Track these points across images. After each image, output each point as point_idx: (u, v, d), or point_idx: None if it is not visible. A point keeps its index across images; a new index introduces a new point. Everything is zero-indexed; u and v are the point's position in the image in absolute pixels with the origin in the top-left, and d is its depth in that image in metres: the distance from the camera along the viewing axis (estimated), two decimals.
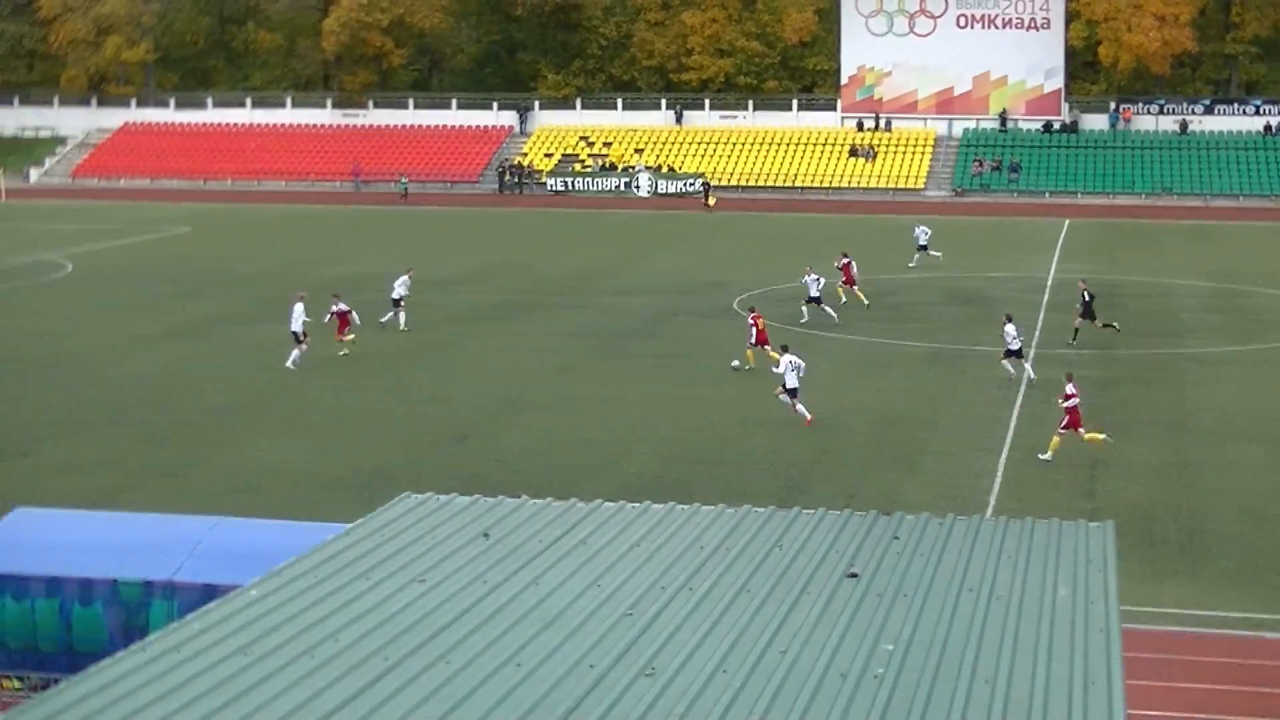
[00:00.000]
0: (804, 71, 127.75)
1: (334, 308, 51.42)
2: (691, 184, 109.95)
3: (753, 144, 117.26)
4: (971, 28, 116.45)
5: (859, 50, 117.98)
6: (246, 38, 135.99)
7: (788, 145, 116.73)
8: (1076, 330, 52.97)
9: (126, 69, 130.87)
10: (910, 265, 72.43)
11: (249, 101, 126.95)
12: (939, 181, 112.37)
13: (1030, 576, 16.47)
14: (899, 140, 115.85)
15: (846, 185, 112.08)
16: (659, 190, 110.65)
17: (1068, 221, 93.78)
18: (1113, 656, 14.35)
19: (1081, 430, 38.07)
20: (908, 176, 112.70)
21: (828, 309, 56.57)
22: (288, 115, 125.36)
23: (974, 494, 35.12)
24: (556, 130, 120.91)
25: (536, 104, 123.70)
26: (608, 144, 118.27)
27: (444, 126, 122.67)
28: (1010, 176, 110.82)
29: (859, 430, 41.08)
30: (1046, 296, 63.77)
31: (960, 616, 15.22)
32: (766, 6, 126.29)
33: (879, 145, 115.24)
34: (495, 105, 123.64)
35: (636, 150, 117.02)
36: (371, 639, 14.43)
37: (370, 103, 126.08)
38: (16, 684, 23.64)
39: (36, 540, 24.38)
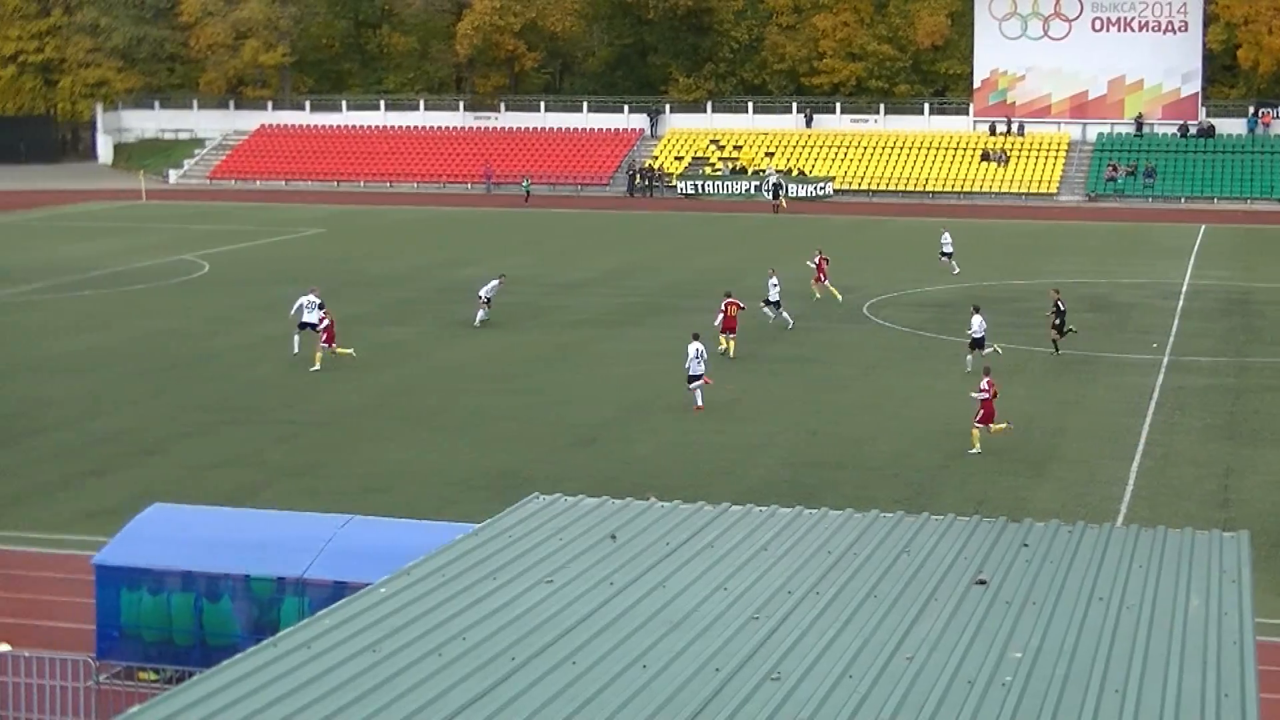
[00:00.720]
0: (936, 75, 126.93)
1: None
2: (759, 183, 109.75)
3: (883, 148, 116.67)
4: (1107, 30, 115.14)
5: (992, 54, 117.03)
6: (381, 41, 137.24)
7: (918, 149, 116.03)
8: (1055, 341, 51.82)
9: (263, 72, 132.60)
10: (955, 273, 71.15)
11: (383, 104, 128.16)
12: (1072, 186, 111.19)
13: (1162, 587, 16.25)
14: (1032, 144, 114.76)
15: (978, 190, 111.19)
16: (789, 194, 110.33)
17: (1203, 227, 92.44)
18: (1246, 670, 14.13)
19: (992, 425, 39.17)
20: (1040, 181, 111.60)
21: (785, 314, 55.93)
22: (420, 118, 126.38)
23: (1104, 502, 34.73)
24: (687, 133, 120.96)
25: (667, 107, 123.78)
26: (738, 147, 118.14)
27: (575, 129, 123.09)
28: (1145, 181, 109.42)
29: (987, 436, 40.72)
30: (1181, 303, 62.93)
31: (1090, 626, 15.05)
32: (898, 10, 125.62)
33: (1011, 149, 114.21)
34: (626, 108, 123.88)
35: (767, 154, 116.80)
36: (498, 639, 14.50)
37: (502, 105, 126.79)
38: (152, 676, 24.02)
39: (173, 535, 24.76)
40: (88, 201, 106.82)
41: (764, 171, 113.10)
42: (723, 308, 51.41)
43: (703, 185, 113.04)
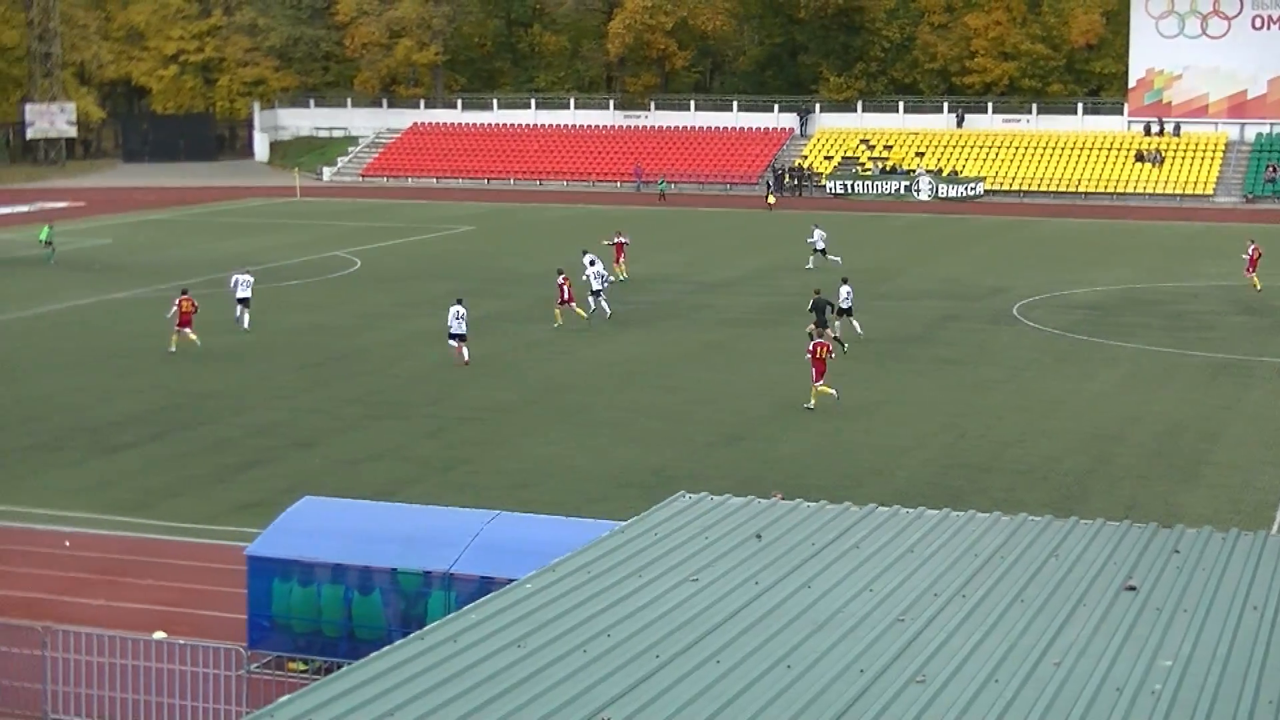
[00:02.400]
0: (1089, 74, 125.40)
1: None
2: (910, 183, 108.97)
3: (1035, 148, 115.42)
4: (1268, 29, 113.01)
5: (1148, 53, 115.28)
6: (532, 40, 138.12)
7: (1071, 149, 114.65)
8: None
9: (416, 71, 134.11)
10: (808, 268, 70.01)
11: (533, 103, 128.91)
12: (1229, 188, 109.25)
13: None
14: (1188, 145, 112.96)
15: (1131, 191, 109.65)
16: (939, 194, 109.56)
17: None
18: None
19: (819, 384, 43.18)
20: (1196, 182, 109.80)
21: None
22: (571, 116, 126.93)
23: (1260, 508, 34.10)
24: (837, 133, 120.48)
25: (817, 106, 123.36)
26: (888, 147, 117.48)
27: (724, 128, 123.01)
28: None
29: (1138, 440, 40.20)
30: None
31: (1243, 635, 14.78)
32: (1052, 9, 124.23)
33: (1166, 150, 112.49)
34: (776, 107, 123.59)
35: (917, 153, 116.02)
36: (643, 636, 14.52)
37: (652, 104, 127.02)
38: (301, 666, 24.33)
39: (323, 528, 25.06)
40: (244, 198, 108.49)
41: (915, 171, 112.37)
42: (560, 283, 55.50)
43: (852, 185, 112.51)
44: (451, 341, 49.61)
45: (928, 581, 16.18)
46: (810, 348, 44.14)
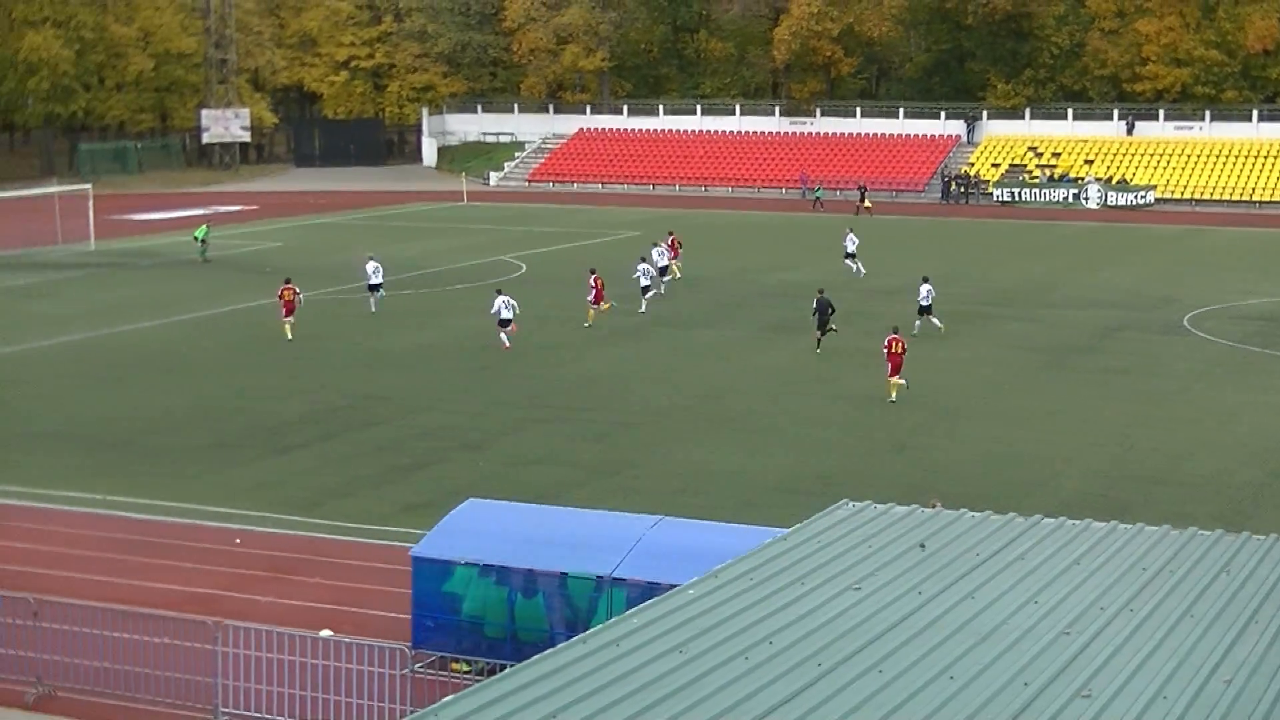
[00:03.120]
0: (1266, 81, 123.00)
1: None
2: (1078, 191, 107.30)
3: (1208, 156, 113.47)
4: None
5: None
6: (698, 46, 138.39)
7: (1245, 157, 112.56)
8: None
9: (583, 77, 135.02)
10: (859, 274, 70.32)
11: (699, 109, 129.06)
12: None
13: None
14: None
15: None
16: (1109, 202, 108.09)
17: None
18: None
19: (894, 378, 45.10)
20: None
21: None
22: (736, 123, 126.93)
23: None
24: (1004, 140, 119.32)
25: (984, 113, 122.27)
26: (1056, 154, 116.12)
27: (890, 135, 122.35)
28: None
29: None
30: None
31: None
32: (1228, 14, 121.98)
33: None
34: (942, 114, 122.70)
35: (1086, 161, 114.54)
36: (805, 644, 14.49)
37: (817, 111, 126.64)
38: (465, 667, 24.56)
39: (487, 530, 25.27)
40: (412, 202, 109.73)
41: (1083, 179, 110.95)
42: (592, 283, 57.68)
43: (1019, 193, 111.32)
44: (502, 327, 52.58)
45: (1094, 595, 15.98)
46: (885, 343, 45.81)
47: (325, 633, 24.89)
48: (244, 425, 42.43)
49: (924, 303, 55.78)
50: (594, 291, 57.66)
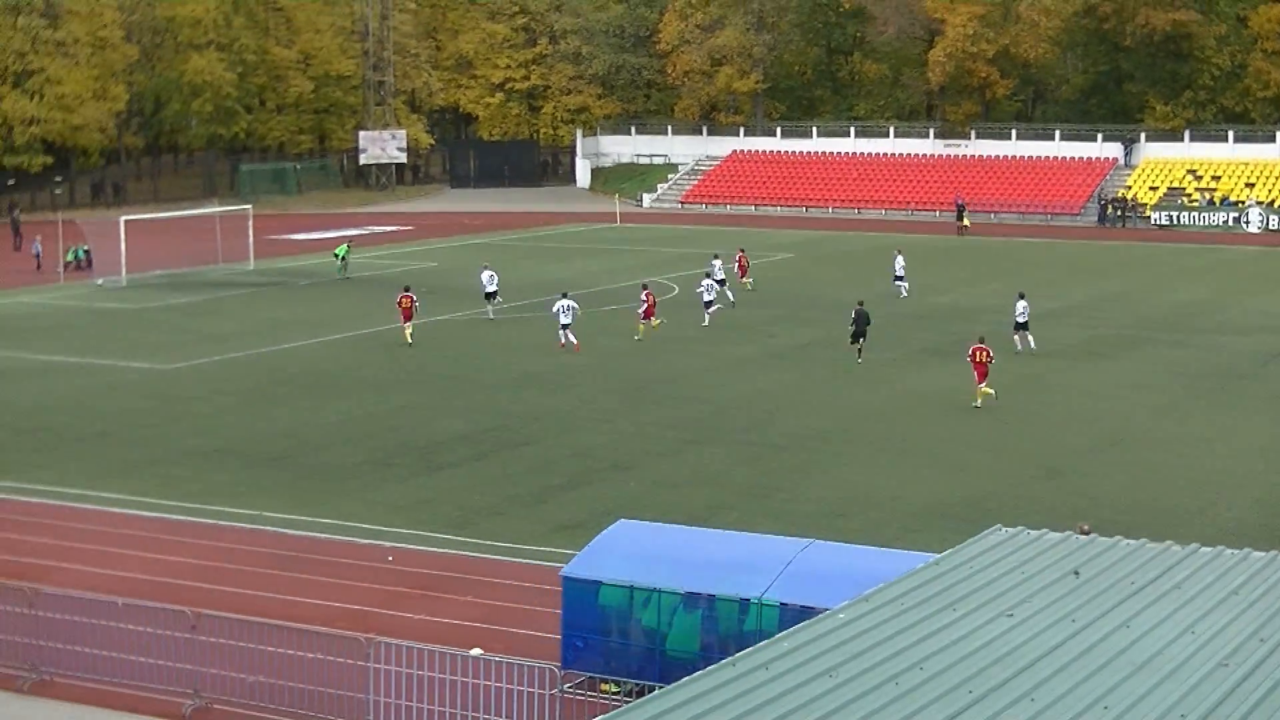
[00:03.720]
0: None
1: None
2: (1239, 215, 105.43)
3: None
4: None
5: None
6: (852, 68, 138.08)
7: None
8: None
9: (736, 99, 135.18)
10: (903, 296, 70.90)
11: (852, 131, 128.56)
12: None
13: None
14: None
15: None
16: (1270, 226, 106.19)
17: None
18: None
19: (981, 385, 47.06)
20: None
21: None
22: (890, 145, 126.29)
23: None
24: (1163, 163, 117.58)
25: (1142, 135, 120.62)
26: (1216, 177, 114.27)
27: (1046, 158, 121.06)
28: None
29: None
30: None
31: None
32: None
33: None
34: (1099, 136, 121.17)
35: (1247, 184, 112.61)
36: (956, 670, 14.37)
37: (972, 133, 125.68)
38: (614, 688, 24.60)
39: (638, 551, 25.30)
40: (566, 224, 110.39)
41: (1244, 202, 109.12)
42: (644, 297, 59.84)
43: (1178, 216, 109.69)
44: (563, 331, 56.56)
45: (1253, 626, 15.70)
46: (970, 352, 47.66)
47: (476, 651, 25.07)
48: (398, 443, 42.89)
49: (1020, 319, 56.60)
50: (645, 306, 59.59)
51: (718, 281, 66.12)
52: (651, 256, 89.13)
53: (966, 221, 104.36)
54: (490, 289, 64.34)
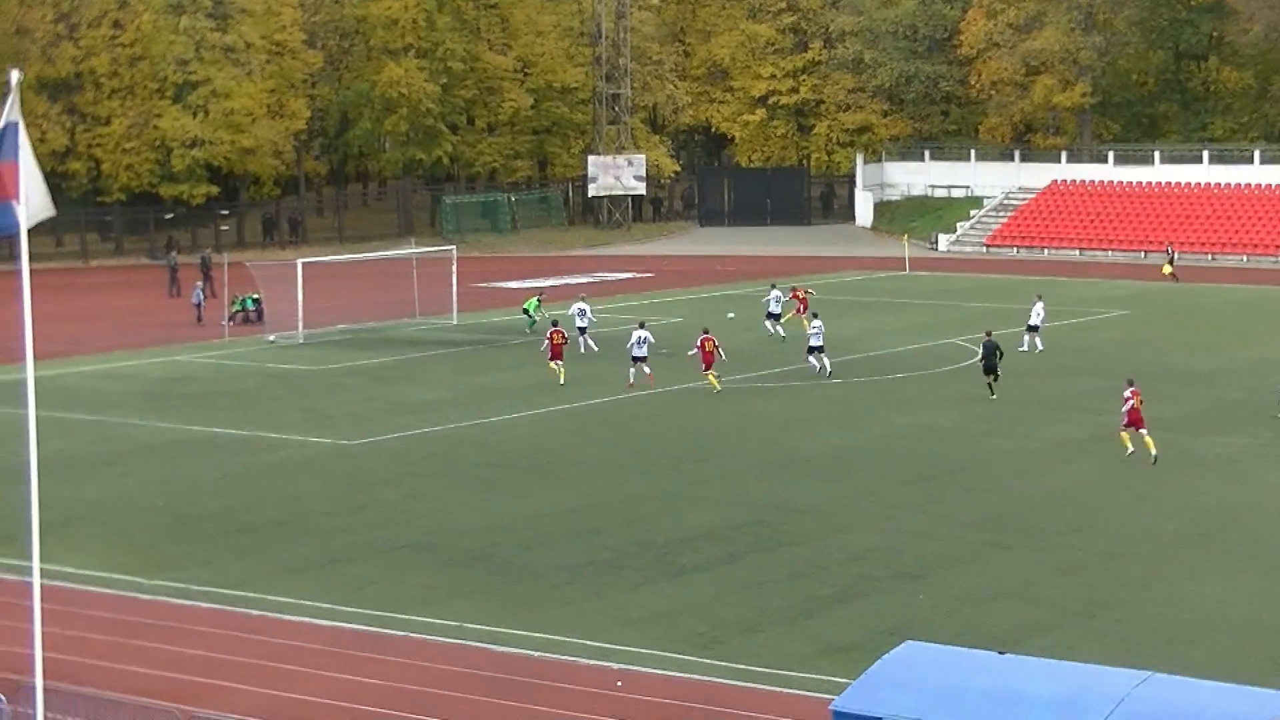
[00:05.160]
0: None
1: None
2: None
3: None
4: None
5: None
6: (1206, 77, 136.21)
7: None
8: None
9: (1058, 116, 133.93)
10: (1038, 350, 73.15)
11: (1206, 155, 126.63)
12: None
13: None
14: None
15: None
16: None
17: None
18: None
19: (1137, 429, 51.12)
20: None
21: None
22: (1255, 173, 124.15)
23: None
24: None
25: None
26: None
27: None
28: None
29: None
30: None
31: None
32: None
33: None
34: None
35: None
36: None
37: None
38: None
39: (928, 682, 25.03)
40: (843, 270, 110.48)
41: None
42: (699, 345, 63.66)
43: None
44: (636, 365, 63.30)
45: None
46: (1125, 395, 51.60)
47: None
48: (630, 540, 43.06)
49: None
50: (702, 354, 63.99)
51: (770, 316, 74.72)
52: (950, 312, 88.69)
53: (1171, 269, 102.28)
54: (581, 323, 73.49)
